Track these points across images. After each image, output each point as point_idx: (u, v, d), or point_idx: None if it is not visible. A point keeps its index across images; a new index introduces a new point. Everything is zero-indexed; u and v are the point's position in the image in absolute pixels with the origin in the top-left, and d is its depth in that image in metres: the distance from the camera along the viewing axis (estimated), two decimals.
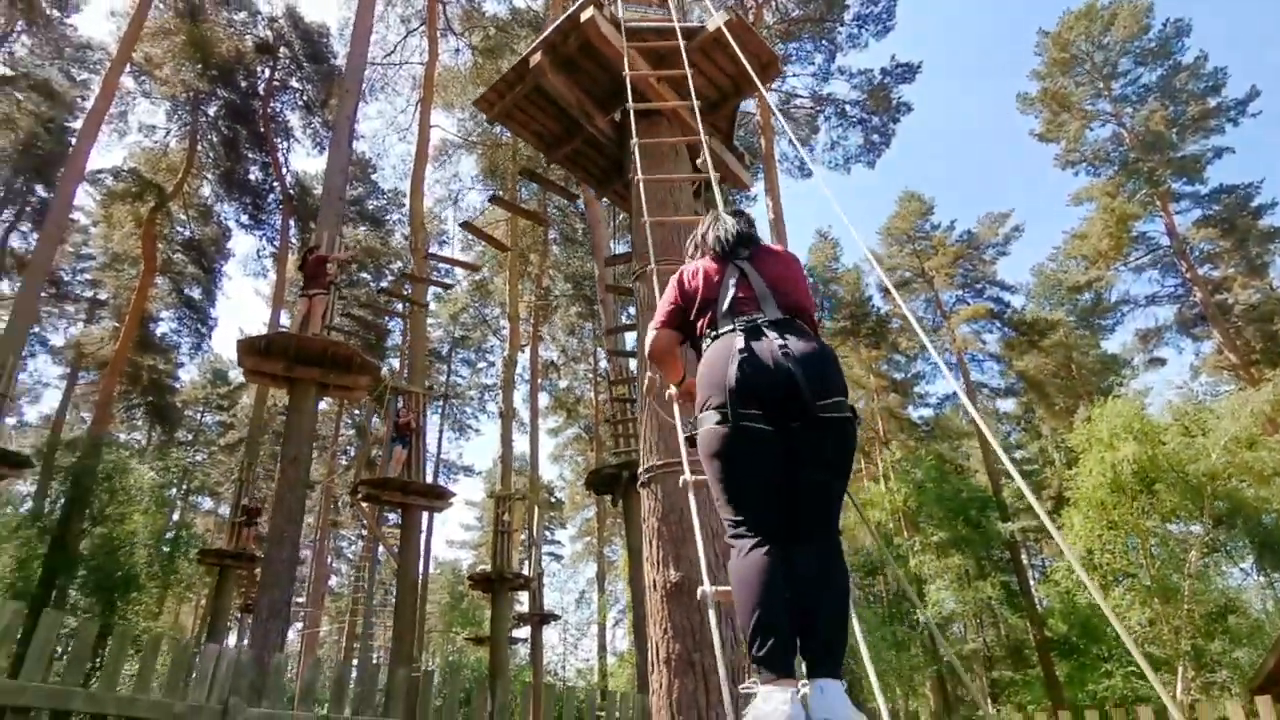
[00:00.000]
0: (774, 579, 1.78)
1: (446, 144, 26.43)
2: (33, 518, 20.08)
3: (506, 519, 17.80)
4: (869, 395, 33.63)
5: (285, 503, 8.63)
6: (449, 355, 39.26)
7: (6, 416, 32.93)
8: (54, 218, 15.66)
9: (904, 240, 33.35)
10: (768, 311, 2.09)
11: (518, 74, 5.54)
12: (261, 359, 9.22)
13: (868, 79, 24.25)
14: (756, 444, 1.90)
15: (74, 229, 29.59)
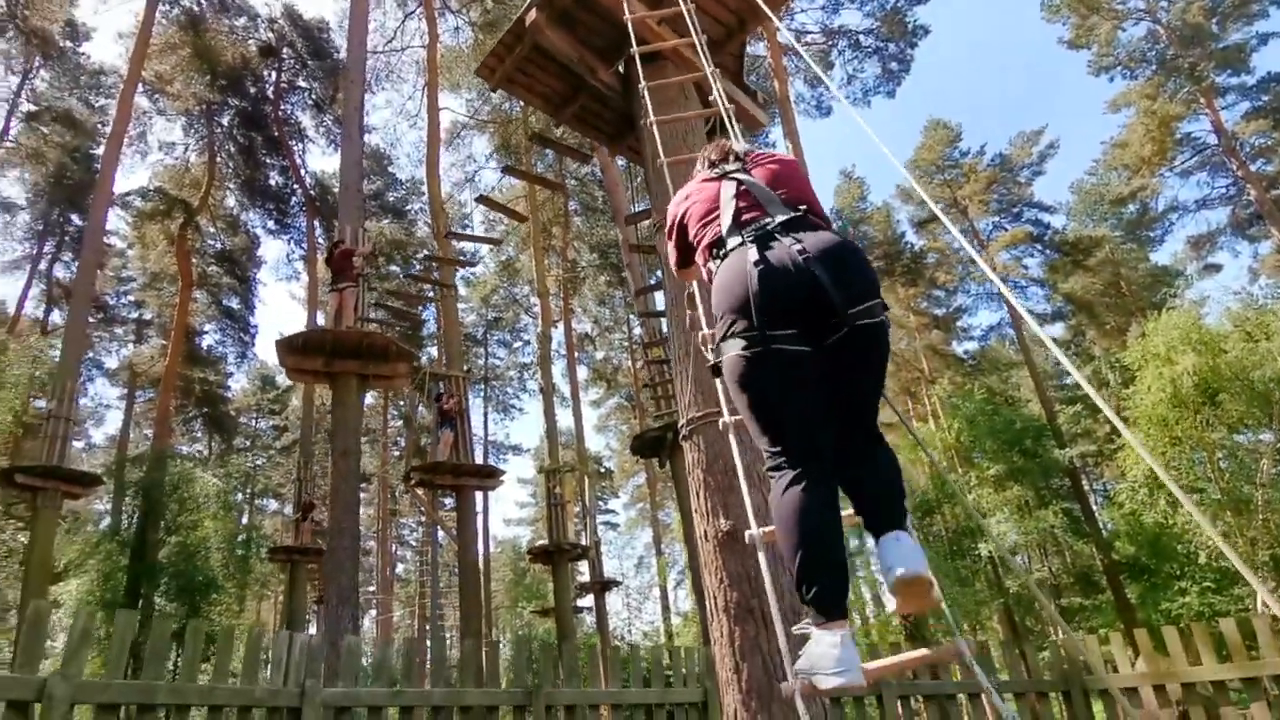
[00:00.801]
0: (817, 517, 1.68)
1: (457, 125, 26.35)
2: (111, 533, 21.07)
3: (558, 492, 18.06)
4: (910, 334, 32.98)
5: (341, 494, 8.83)
6: (485, 338, 39.67)
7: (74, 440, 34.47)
8: (89, 244, 16.09)
9: (933, 171, 32.24)
10: (775, 214, 1.89)
11: (515, 35, 5.39)
12: (301, 356, 9.37)
13: (880, 4, 23.30)
14: (790, 367, 1.74)
15: (112, 253, 30.47)
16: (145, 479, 20.14)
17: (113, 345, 33.48)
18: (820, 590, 1.64)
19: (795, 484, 1.71)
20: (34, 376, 16.77)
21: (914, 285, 31.50)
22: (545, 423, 21.27)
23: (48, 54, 23.93)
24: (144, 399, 32.75)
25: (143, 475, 20.59)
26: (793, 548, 1.68)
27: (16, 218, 27.39)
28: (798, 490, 1.70)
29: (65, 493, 13.87)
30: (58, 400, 13.97)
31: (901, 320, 32.54)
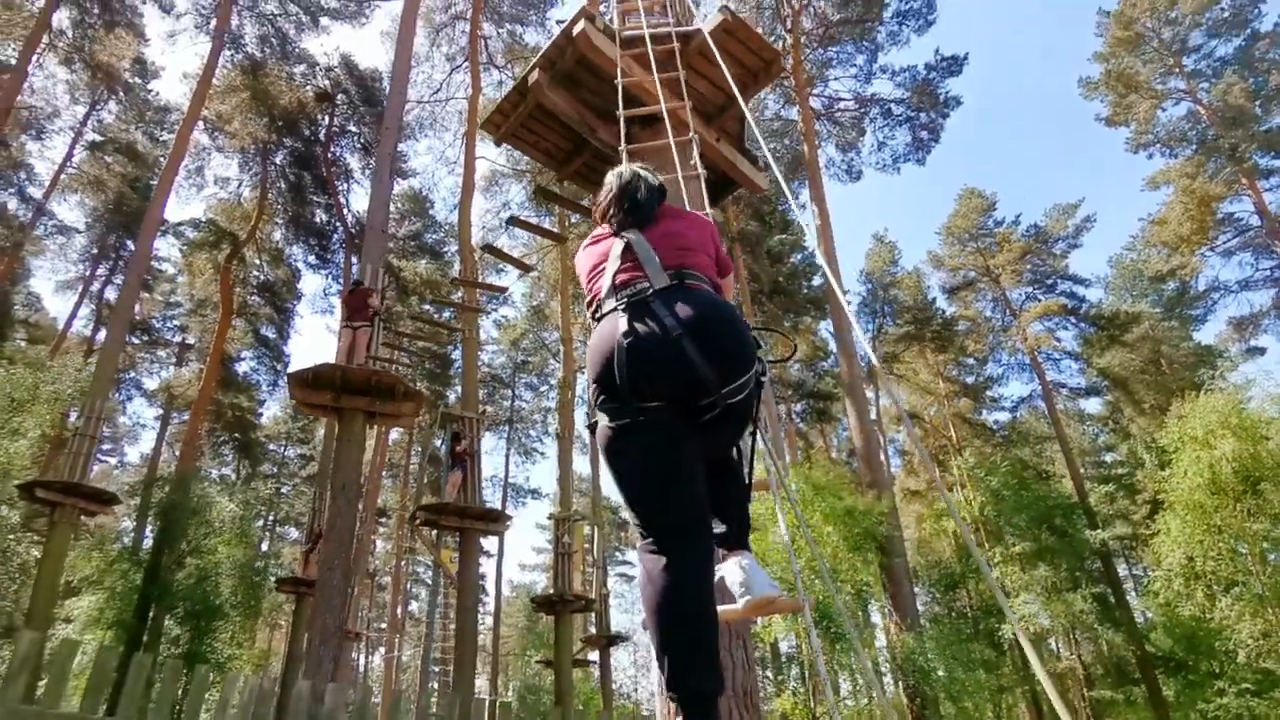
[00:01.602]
0: (676, 598, 1.60)
1: (495, 173, 27.17)
2: (129, 551, 21.37)
3: (567, 540, 17.82)
4: (938, 401, 32.36)
5: (336, 530, 8.86)
6: (513, 380, 40.03)
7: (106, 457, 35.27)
8: (135, 267, 16.79)
9: (965, 239, 32.11)
10: (654, 280, 1.81)
11: (519, 94, 5.58)
12: (311, 390, 9.55)
13: (912, 76, 23.66)
14: (655, 443, 1.68)
15: (162, 279, 31.76)
16: (166, 500, 20.46)
17: (154, 367, 34.56)
18: (691, 677, 1.57)
19: (654, 563, 1.65)
20: (71, 393, 17.33)
21: (943, 351, 31.04)
22: (559, 469, 21.19)
23: (113, 88, 25.49)
24: (178, 421, 33.60)
25: (164, 496, 20.94)
26: (654, 629, 1.63)
27: (73, 240, 28.83)
28: (658, 571, 1.64)
29: (82, 510, 14.17)
30: (85, 418, 14.41)
31: (930, 386, 31.99)
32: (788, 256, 27.40)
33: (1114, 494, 27.84)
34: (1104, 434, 33.09)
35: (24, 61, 20.22)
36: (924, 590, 27.90)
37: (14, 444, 15.20)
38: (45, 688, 3.49)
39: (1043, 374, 29.08)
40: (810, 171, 20.44)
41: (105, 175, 26.67)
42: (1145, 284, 28.30)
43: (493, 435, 38.41)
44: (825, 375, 31.68)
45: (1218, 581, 16.07)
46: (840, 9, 24.00)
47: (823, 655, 14.59)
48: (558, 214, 21.89)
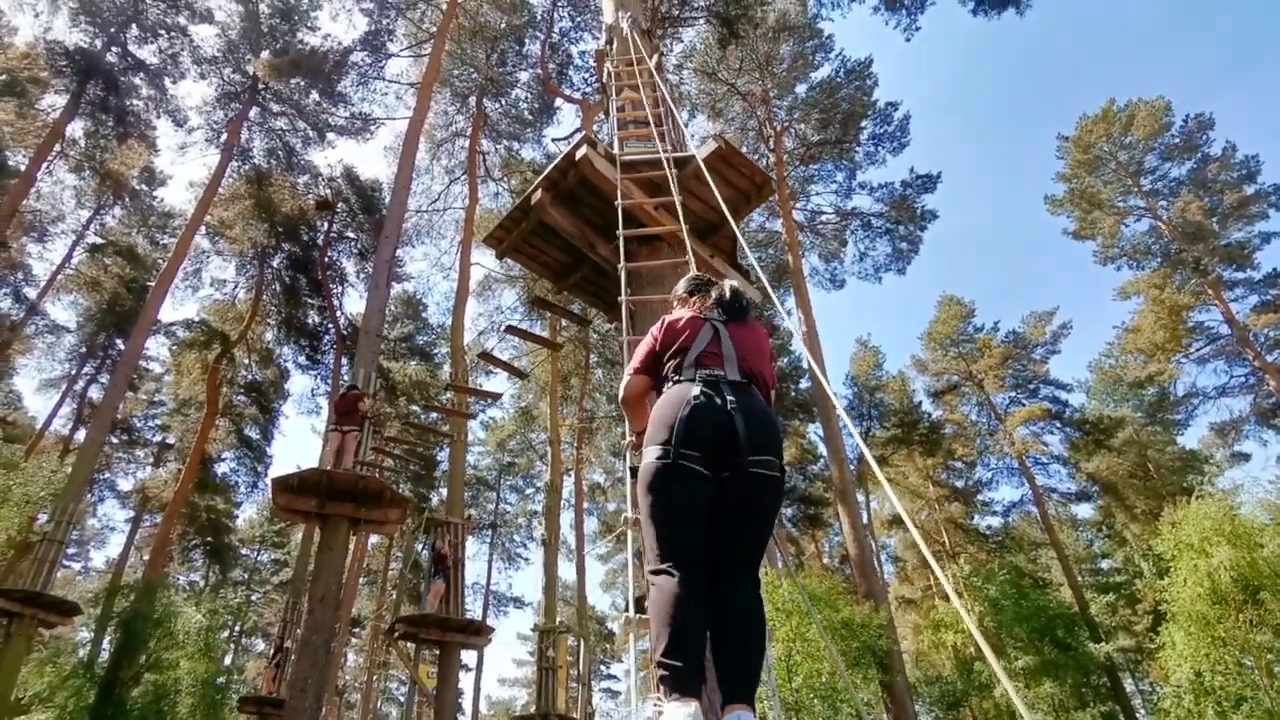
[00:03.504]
0: (686, 609, 1.90)
1: (489, 279, 27.78)
2: (85, 665, 20.07)
3: (551, 654, 16.97)
4: (929, 505, 32.03)
5: (310, 646, 8.42)
6: (498, 483, 39.33)
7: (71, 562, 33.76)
8: (122, 366, 16.73)
9: (948, 344, 32.85)
10: (729, 371, 2.27)
11: (522, 211, 5.82)
12: (295, 496, 9.33)
13: (889, 192, 24.95)
14: (690, 483, 2.04)
15: (149, 378, 31.57)
16: (129, 610, 19.46)
17: (131, 467, 33.73)
18: (680, 669, 1.81)
19: (669, 580, 1.96)
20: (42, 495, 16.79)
21: (932, 455, 31.03)
22: (544, 577, 20.49)
23: (120, 194, 26.30)
24: (150, 523, 32.47)
25: (127, 606, 19.92)
26: (659, 630, 1.89)
27: (63, 339, 28.83)
28: (671, 582, 1.95)
29: (41, 620, 13.43)
30: (55, 522, 13.91)
31: (920, 490, 31.75)
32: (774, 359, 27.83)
33: (1115, 604, 27.18)
34: (1098, 540, 32.68)
35: (33, 168, 20.95)
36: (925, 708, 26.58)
37: None
38: None
39: (1032, 479, 29.02)
40: (795, 280, 21.12)
41: (102, 276, 27.06)
42: (1125, 389, 28.81)
43: (475, 540, 37.33)
44: (815, 479, 31.44)
45: (1227, 697, 15.47)
46: (819, 131, 25.57)
47: None
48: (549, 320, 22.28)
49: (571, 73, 25.73)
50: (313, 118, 26.45)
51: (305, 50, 24.56)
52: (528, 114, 27.24)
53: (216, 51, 25.01)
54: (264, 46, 24.95)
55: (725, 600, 2.03)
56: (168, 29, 24.21)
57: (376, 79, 26.27)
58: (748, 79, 25.80)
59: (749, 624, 2.02)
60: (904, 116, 24.90)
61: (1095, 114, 28.62)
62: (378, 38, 25.22)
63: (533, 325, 24.40)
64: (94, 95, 22.78)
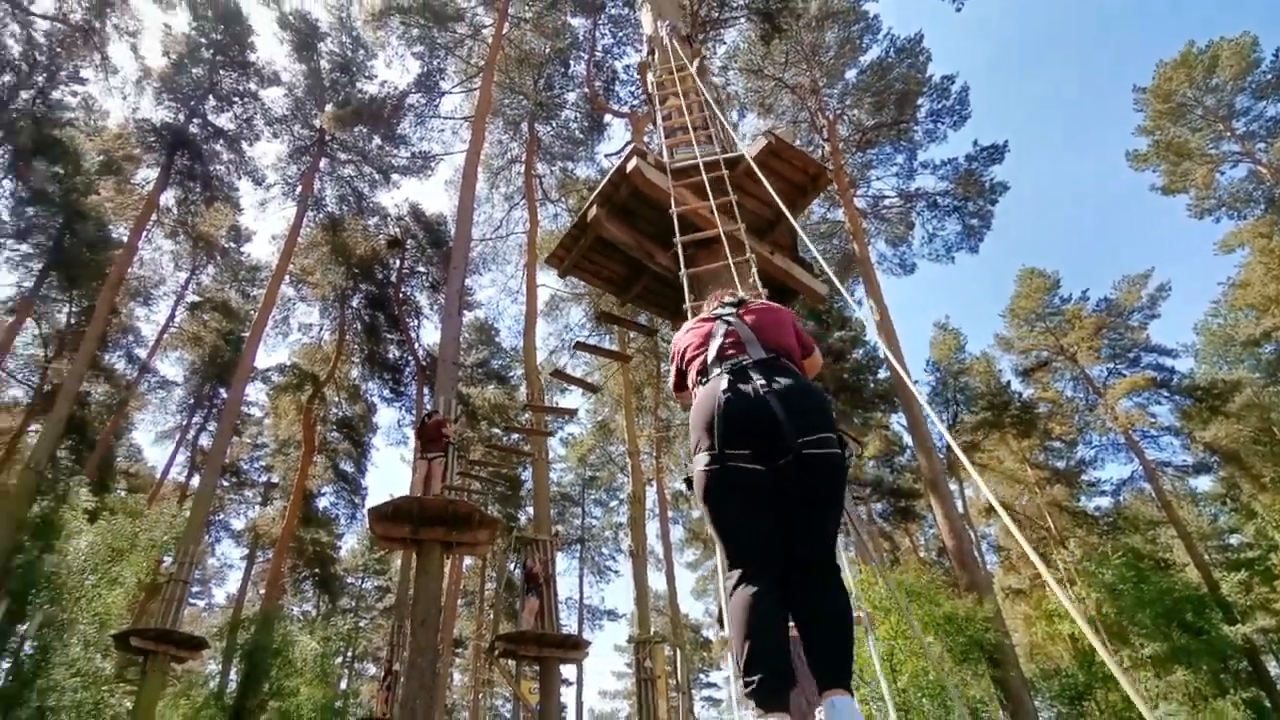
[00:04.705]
0: (762, 617, 1.86)
1: (555, 298, 28.31)
2: (216, 696, 21.44)
3: (649, 665, 16.98)
4: (1029, 490, 30.48)
5: (416, 668, 8.73)
6: (582, 498, 39.83)
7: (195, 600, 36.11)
8: (227, 414, 17.87)
9: (1033, 319, 31.27)
10: (752, 353, 2.19)
11: (579, 229, 5.92)
12: (390, 524, 9.72)
13: (954, 168, 24.04)
14: (745, 483, 1.97)
15: (250, 422, 33.60)
16: (251, 641, 20.68)
17: (242, 507, 35.92)
18: (762, 682, 1.78)
19: (741, 586, 1.91)
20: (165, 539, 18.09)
21: (1027, 437, 29.54)
22: (635, 588, 20.56)
23: (211, 254, 28.25)
24: (263, 559, 34.45)
25: (249, 637, 21.18)
26: (738, 645, 1.85)
27: (173, 393, 31.08)
28: (744, 593, 1.89)
29: (174, 656, 14.43)
30: (179, 564, 14.96)
31: (1017, 474, 30.27)
32: (849, 352, 27.16)
33: (1249, 581, 25.06)
34: (1223, 514, 30.27)
35: (134, 239, 22.71)
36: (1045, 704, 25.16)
37: (111, 593, 15.79)
38: None
39: (1141, 453, 27.21)
40: (863, 269, 20.59)
41: (202, 331, 29.06)
42: (1239, 349, 26.67)
43: (565, 556, 37.87)
44: (903, 471, 30.43)
45: None
46: (874, 114, 24.93)
47: None
48: (618, 333, 22.48)
49: (618, 88, 26.04)
50: (377, 161, 27.71)
51: (365, 99, 25.80)
52: (579, 133, 27.70)
53: (285, 110, 26.59)
54: (327, 100, 26.35)
55: (805, 591, 1.98)
56: (241, 95, 25.90)
57: (432, 117, 27.31)
58: (795, 71, 25.45)
59: (832, 610, 1.97)
60: (962, 88, 24.01)
61: (1173, 60, 26.78)
62: (430, 78, 26.22)
63: (602, 340, 24.69)
64: (181, 165, 24.57)
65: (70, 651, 14.38)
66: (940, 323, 33.60)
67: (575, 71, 26.86)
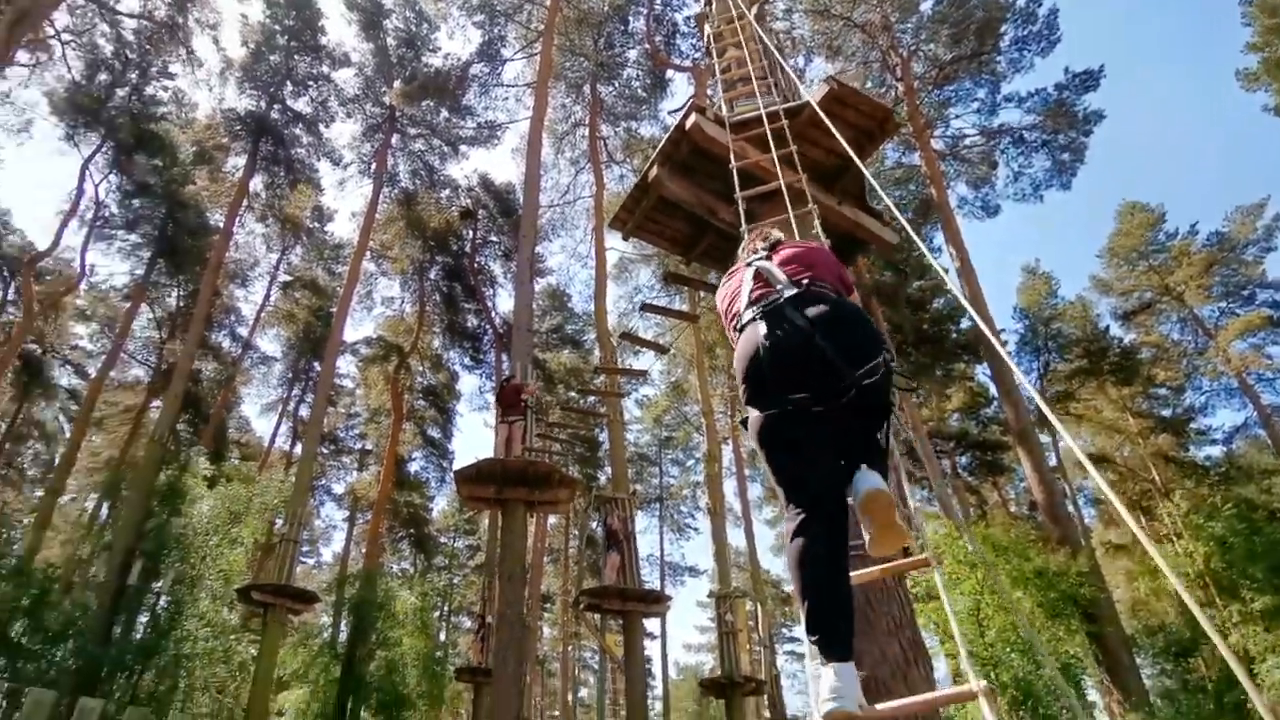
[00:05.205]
0: (820, 569, 1.85)
1: (624, 261, 28.39)
2: (328, 646, 23.21)
3: (730, 619, 17.28)
4: (1131, 440, 28.86)
5: (506, 620, 9.20)
6: (659, 457, 40.35)
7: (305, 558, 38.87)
8: (321, 386, 18.96)
9: (1134, 258, 29.18)
10: (785, 291, 2.10)
11: (640, 190, 5.92)
12: (475, 485, 10.18)
13: (1042, 99, 22.39)
14: (797, 426, 1.93)
15: (344, 393, 35.51)
16: (357, 596, 22.18)
17: (340, 473, 38.22)
18: (823, 635, 1.80)
19: (799, 534, 1.89)
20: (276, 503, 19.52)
21: (1128, 384, 27.84)
22: (714, 545, 20.83)
23: (298, 235, 29.67)
24: (363, 520, 36.70)
25: (355, 592, 22.73)
26: (799, 593, 1.86)
27: (273, 368, 33.16)
28: (801, 540, 1.88)
29: (289, 609, 15.72)
30: (288, 525, 16.16)
31: (1118, 424, 28.69)
32: (930, 302, 26.15)
33: None
34: None
35: (229, 224, 24.10)
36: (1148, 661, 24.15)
37: (232, 552, 17.24)
38: None
39: (1257, 398, 25.26)
40: (942, 214, 19.66)
41: (295, 309, 30.72)
42: None
43: (645, 515, 38.61)
44: (990, 423, 29.33)
45: None
46: (952, 47, 23.45)
47: None
48: (688, 293, 22.39)
49: (679, 41, 25.48)
50: (445, 134, 28.24)
51: (430, 72, 26.23)
52: (641, 91, 27.34)
53: (356, 90, 27.37)
54: (395, 76, 26.94)
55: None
56: (315, 79, 26.80)
57: (495, 86, 27.52)
58: (864, 8, 24.15)
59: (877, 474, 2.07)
60: (1050, 10, 22.19)
61: None
62: (491, 46, 26.35)
63: (671, 300, 24.66)
64: (266, 150, 25.76)
65: (200, 605, 15.83)
66: (1029, 267, 31.73)
67: (635, 28, 26.42)
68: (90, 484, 29.51)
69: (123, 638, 15.33)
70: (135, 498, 16.67)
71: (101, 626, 14.67)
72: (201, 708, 15.92)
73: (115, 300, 27.96)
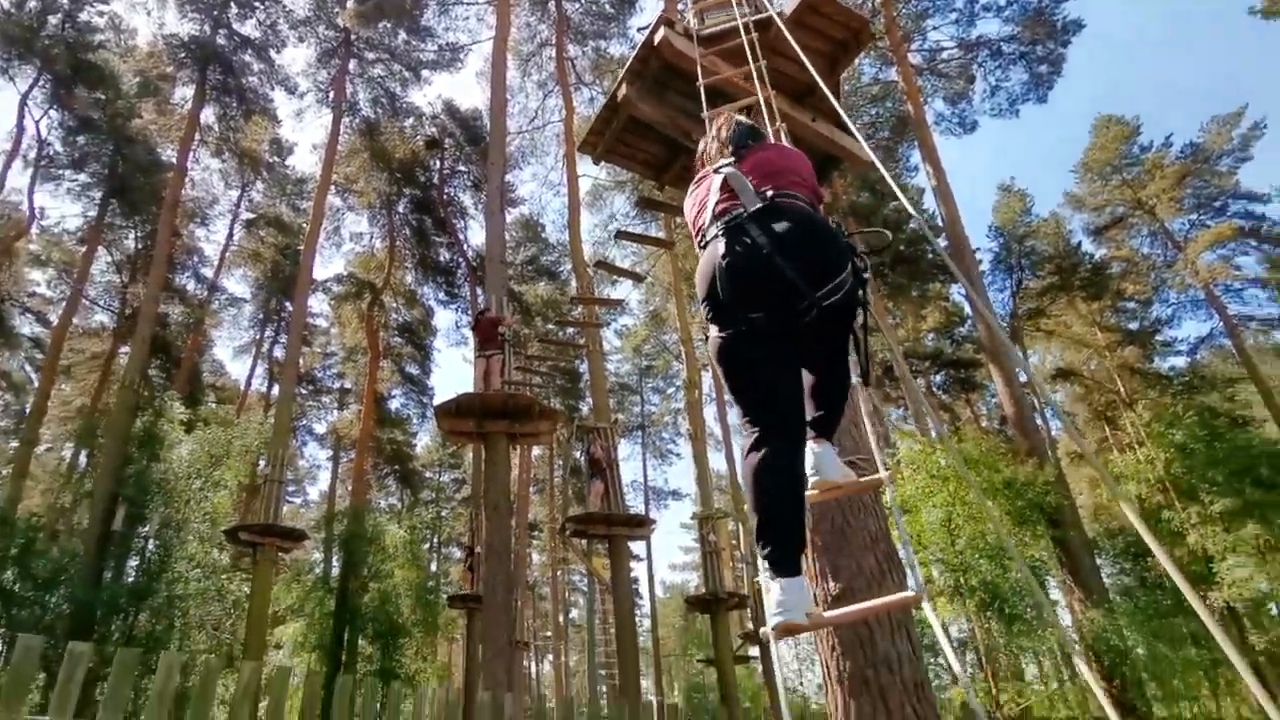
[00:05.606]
0: (774, 486, 1.86)
1: (598, 188, 27.77)
2: (322, 581, 23.68)
3: (713, 538, 17.86)
4: (1099, 353, 29.53)
5: (494, 550, 9.38)
6: (640, 385, 40.70)
7: (292, 498, 39.14)
8: (294, 325, 18.64)
9: (1108, 173, 29.12)
10: (747, 203, 2.00)
11: (610, 110, 5.68)
12: (455, 420, 10.19)
13: (1021, 8, 21.79)
14: (757, 346, 1.91)
15: (318, 333, 35.02)
16: (346, 532, 22.51)
17: (321, 413, 38.10)
18: (774, 549, 1.83)
19: (756, 450, 1.89)
20: (257, 445, 19.49)
21: (1097, 299, 28.29)
22: (696, 468, 21.28)
23: (257, 170, 28.53)
24: (346, 459, 36.87)
25: (344, 529, 23.05)
26: (753, 508, 1.88)
27: (243, 309, 32.49)
28: (757, 456, 1.88)
29: (279, 547, 15.92)
30: (271, 465, 16.18)
31: (1086, 338, 29.29)
32: (906, 223, 26.05)
33: None
34: None
35: (182, 159, 23.04)
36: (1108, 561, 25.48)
37: (217, 495, 17.30)
38: (266, 712, 3.96)
39: (1222, 309, 25.82)
40: (919, 132, 19.34)
41: (261, 248, 29.87)
42: None
43: (628, 442, 39.18)
44: (964, 342, 29.79)
45: None
46: None
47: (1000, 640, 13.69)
48: (664, 219, 22.05)
49: None
50: (405, 58, 26.93)
51: None
52: (609, 7, 26.11)
53: (307, 11, 25.82)
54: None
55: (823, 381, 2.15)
56: None
57: (455, 3, 26.09)
58: None
59: (839, 391, 2.20)
60: None
61: None
62: None
63: (647, 227, 24.30)
64: (215, 79, 24.42)
65: (188, 548, 15.98)
66: (1005, 185, 31.56)
67: None
68: (65, 433, 29.17)
69: (114, 582, 15.50)
70: (112, 445, 16.53)
71: (91, 572, 14.78)
72: (199, 644, 16.27)
73: (70, 244, 26.94)
